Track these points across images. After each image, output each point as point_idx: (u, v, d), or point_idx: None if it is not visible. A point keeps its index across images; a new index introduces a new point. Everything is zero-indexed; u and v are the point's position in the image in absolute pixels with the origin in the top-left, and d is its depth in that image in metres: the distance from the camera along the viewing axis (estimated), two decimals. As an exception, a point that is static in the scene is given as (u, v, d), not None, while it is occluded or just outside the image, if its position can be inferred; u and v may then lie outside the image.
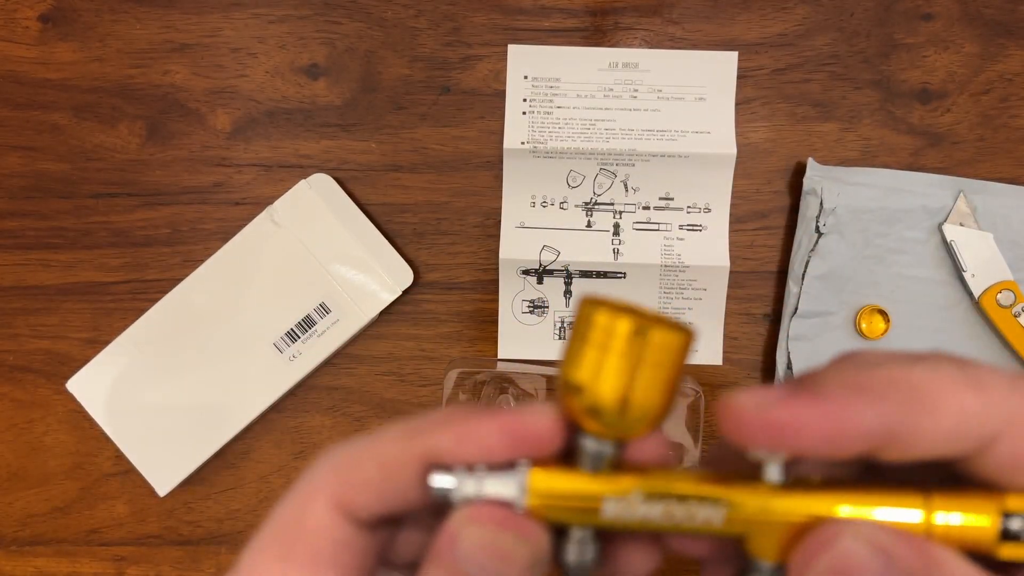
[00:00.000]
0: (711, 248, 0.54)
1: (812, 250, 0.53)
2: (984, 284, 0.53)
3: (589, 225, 0.55)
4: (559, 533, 0.21)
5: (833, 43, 0.55)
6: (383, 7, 0.55)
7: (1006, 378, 0.19)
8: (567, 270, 0.54)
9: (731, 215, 0.55)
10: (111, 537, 0.55)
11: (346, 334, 0.53)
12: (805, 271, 0.53)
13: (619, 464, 0.21)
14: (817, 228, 0.53)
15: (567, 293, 0.55)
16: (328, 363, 0.55)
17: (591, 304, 0.20)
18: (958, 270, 0.53)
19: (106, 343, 0.53)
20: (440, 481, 0.20)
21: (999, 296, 0.53)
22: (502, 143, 0.54)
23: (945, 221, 0.53)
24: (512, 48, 0.55)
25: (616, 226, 0.55)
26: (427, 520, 0.24)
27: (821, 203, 0.53)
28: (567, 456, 0.21)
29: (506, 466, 0.20)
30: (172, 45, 0.55)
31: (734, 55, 0.55)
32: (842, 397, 0.19)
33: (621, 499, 0.20)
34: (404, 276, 0.54)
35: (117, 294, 0.55)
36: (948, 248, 0.53)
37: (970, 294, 0.53)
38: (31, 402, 0.55)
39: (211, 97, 0.55)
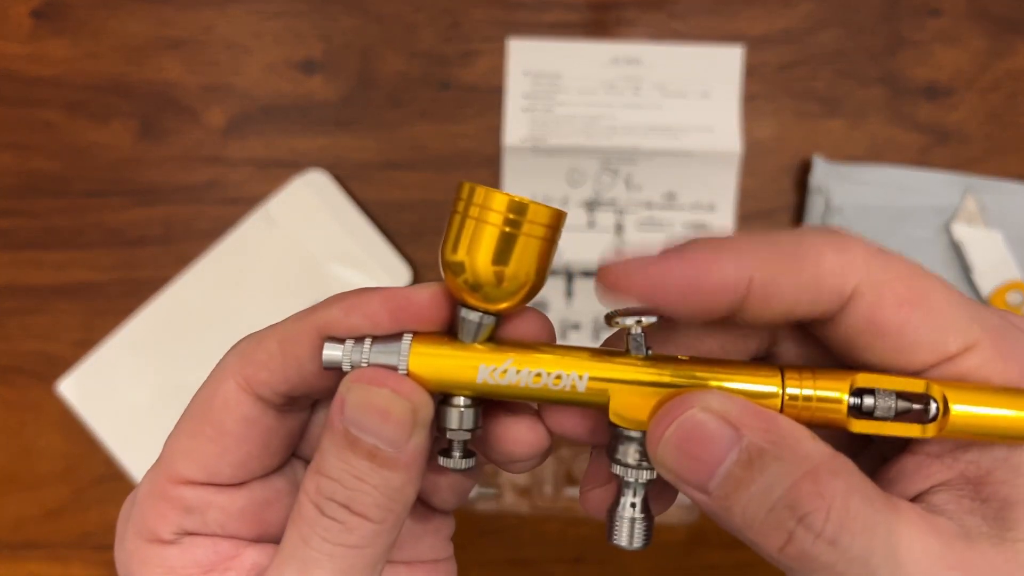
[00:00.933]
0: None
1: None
2: (993, 284, 0.52)
3: (591, 224, 0.54)
4: (441, 404, 0.23)
5: (839, 39, 0.54)
6: (380, 2, 0.54)
7: (866, 244, 0.21)
8: (568, 270, 0.54)
9: (736, 214, 0.54)
10: (104, 541, 0.54)
11: (343, 335, 0.53)
12: (811, 271, 0.52)
13: (498, 340, 0.23)
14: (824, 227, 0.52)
15: (568, 293, 0.54)
16: (324, 364, 0.54)
17: (469, 185, 0.22)
18: (966, 270, 0.53)
19: (98, 344, 0.53)
20: (330, 349, 0.22)
21: (1008, 296, 0.52)
22: (501, 140, 0.54)
23: (953, 220, 0.53)
24: (512, 43, 0.54)
25: (618, 225, 0.54)
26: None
27: (827, 201, 0.52)
28: (452, 333, 0.23)
29: (393, 338, 0.22)
30: (166, 41, 0.54)
31: (738, 50, 0.54)
32: (705, 252, 0.20)
33: (494, 365, 0.22)
34: (402, 275, 0.53)
35: (110, 294, 0.54)
36: (956, 248, 0.53)
37: (979, 294, 0.53)
38: (22, 404, 0.54)
39: (205, 94, 0.54)
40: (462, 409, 0.22)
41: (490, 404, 0.23)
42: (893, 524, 0.19)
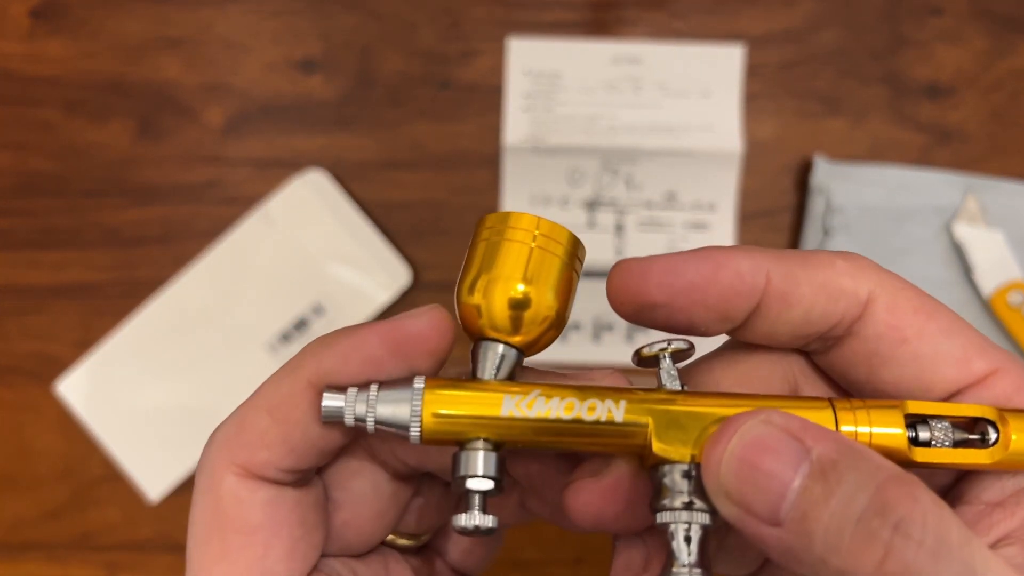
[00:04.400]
0: (715, 247, 0.53)
1: (820, 249, 0.52)
2: (994, 284, 0.52)
3: (591, 224, 0.54)
4: (459, 451, 0.20)
5: (840, 38, 0.54)
6: (380, 0, 0.54)
7: (873, 261, 0.21)
8: (568, 270, 0.54)
9: (736, 213, 0.54)
10: (103, 542, 0.54)
11: (342, 335, 0.53)
12: (812, 271, 0.52)
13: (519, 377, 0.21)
14: (824, 227, 0.52)
15: (568, 293, 0.54)
16: (324, 365, 0.54)
17: (490, 215, 0.21)
18: (967, 270, 0.53)
19: (97, 344, 0.53)
20: (329, 401, 0.19)
21: (1009, 296, 0.52)
22: (501, 140, 0.53)
23: (954, 220, 0.53)
24: (512, 42, 0.54)
25: (618, 225, 0.54)
26: (436, 490, 0.23)
27: (828, 201, 0.52)
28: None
29: (402, 382, 0.20)
30: (164, 40, 0.54)
31: (739, 49, 0.54)
32: (720, 251, 0.20)
33: (520, 395, 0.19)
34: (402, 276, 0.53)
35: (108, 294, 0.54)
36: (957, 248, 0.53)
37: (980, 295, 0.53)
38: (21, 404, 0.54)
39: (204, 93, 0.54)
40: (482, 452, 0.19)
41: (567, 470, 0.21)
42: (983, 547, 0.17)
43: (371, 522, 0.22)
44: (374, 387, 0.20)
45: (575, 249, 0.21)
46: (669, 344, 0.20)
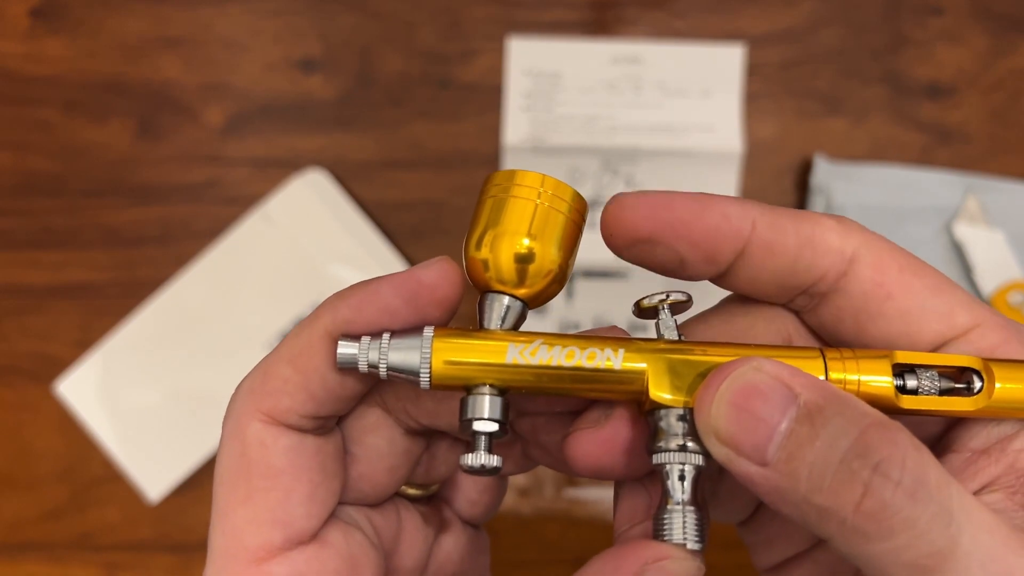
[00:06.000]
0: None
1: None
2: (994, 284, 0.52)
3: (591, 224, 0.54)
4: (467, 395, 0.21)
5: (841, 38, 0.54)
6: (380, 0, 0.54)
7: (863, 226, 0.21)
8: (568, 270, 0.54)
9: (736, 213, 0.54)
10: (103, 542, 0.54)
11: (342, 335, 0.53)
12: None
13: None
14: (824, 227, 0.52)
15: (569, 294, 0.54)
16: (324, 365, 0.54)
17: (495, 173, 0.22)
18: (968, 270, 0.53)
19: (97, 344, 0.53)
20: (345, 347, 0.20)
21: (1009, 296, 0.52)
22: (501, 140, 0.53)
23: (955, 220, 0.53)
24: (512, 42, 0.54)
25: (618, 225, 0.54)
26: (444, 444, 0.25)
27: (829, 201, 0.52)
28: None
29: (412, 331, 0.21)
30: (164, 40, 0.54)
31: (739, 49, 0.54)
32: (711, 195, 0.21)
33: (523, 344, 0.20)
34: (401, 276, 0.53)
35: (108, 294, 0.54)
36: (958, 247, 0.53)
37: (980, 294, 0.53)
38: (21, 404, 0.54)
39: (204, 93, 0.54)
40: (488, 396, 0.20)
41: (570, 423, 0.22)
42: (961, 489, 0.18)
43: (385, 475, 0.23)
44: (386, 335, 0.20)
45: (579, 206, 0.22)
46: (668, 295, 0.21)
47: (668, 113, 0.54)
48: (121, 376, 0.52)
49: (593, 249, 0.58)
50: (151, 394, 0.52)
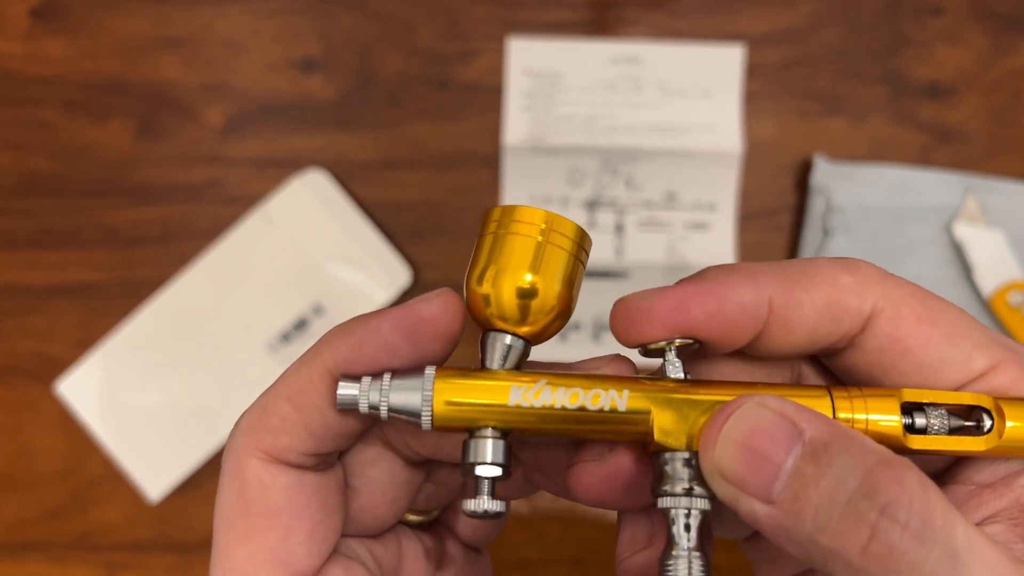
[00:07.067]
0: (716, 247, 0.53)
1: (820, 249, 0.52)
2: (994, 284, 0.52)
3: (591, 224, 0.54)
4: (468, 438, 0.21)
5: (840, 38, 0.54)
6: (380, 0, 0.54)
7: (877, 268, 0.21)
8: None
9: (737, 213, 0.54)
10: (103, 542, 0.54)
11: (342, 335, 0.53)
12: (812, 271, 0.52)
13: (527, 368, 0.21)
14: (824, 227, 0.52)
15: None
16: (324, 365, 0.54)
17: (497, 208, 0.21)
18: (968, 270, 0.53)
19: (97, 344, 0.53)
20: (345, 388, 0.20)
21: (1009, 296, 0.52)
22: (501, 140, 0.53)
23: (954, 220, 0.53)
24: (512, 42, 0.54)
25: (618, 225, 0.54)
26: (444, 472, 0.24)
27: (829, 201, 0.52)
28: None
29: (414, 371, 0.21)
30: (164, 40, 0.54)
31: (739, 49, 0.54)
32: (722, 278, 0.20)
33: (527, 385, 0.20)
34: (402, 276, 0.53)
35: (108, 294, 0.54)
36: (957, 248, 0.53)
37: (980, 295, 0.53)
38: (21, 404, 0.54)
39: (204, 93, 0.54)
40: (491, 440, 0.20)
41: (572, 453, 0.22)
42: (968, 527, 0.18)
43: (386, 506, 0.23)
44: (387, 376, 0.20)
45: (582, 241, 0.21)
46: (674, 343, 0.21)
47: (668, 113, 0.54)
48: (121, 376, 0.52)
49: (593, 249, 0.58)
50: (151, 394, 0.52)
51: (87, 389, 0.52)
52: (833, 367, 0.22)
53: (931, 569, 0.17)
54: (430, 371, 0.20)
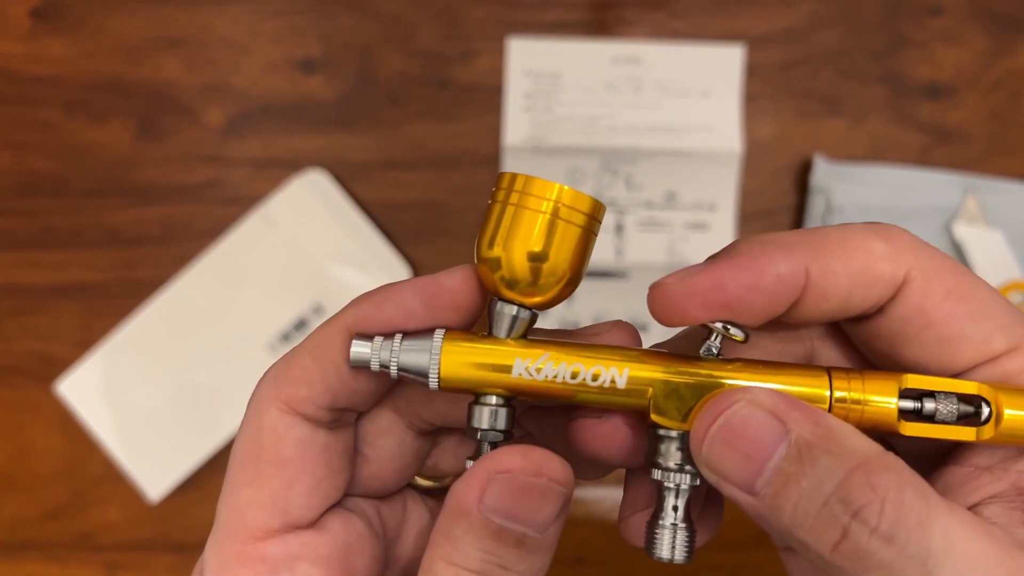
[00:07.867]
0: (716, 248, 0.53)
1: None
2: (994, 284, 0.52)
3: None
4: (473, 403, 0.22)
5: (840, 38, 0.54)
6: (380, 1, 0.54)
7: (912, 235, 0.21)
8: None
9: (736, 213, 0.54)
10: (103, 542, 0.54)
11: (342, 335, 0.53)
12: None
13: (533, 337, 0.22)
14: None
15: (568, 293, 0.54)
16: (324, 365, 0.54)
17: (509, 174, 0.21)
18: (968, 270, 0.53)
19: (97, 344, 0.53)
20: (358, 346, 0.21)
21: (1009, 296, 0.52)
22: (501, 140, 0.53)
23: (954, 220, 0.53)
24: (512, 42, 0.54)
25: (618, 225, 0.54)
26: (453, 440, 0.25)
27: (828, 201, 0.52)
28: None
29: (424, 334, 0.21)
30: (164, 40, 0.54)
31: (739, 50, 0.54)
32: (756, 251, 0.20)
33: (530, 359, 0.21)
34: (402, 276, 0.53)
35: (109, 294, 0.54)
36: (957, 248, 0.53)
37: (980, 294, 0.53)
38: (21, 404, 0.54)
39: (204, 93, 0.54)
40: (495, 408, 0.21)
41: (573, 409, 0.22)
42: (948, 523, 0.18)
43: (395, 474, 0.24)
44: (399, 336, 0.21)
45: (595, 213, 0.21)
46: (728, 329, 0.21)
47: (668, 113, 0.54)
48: (121, 376, 0.52)
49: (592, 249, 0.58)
50: (151, 394, 0.52)
51: (87, 389, 0.52)
52: (854, 334, 0.22)
53: (899, 567, 0.18)
54: (439, 333, 0.21)
